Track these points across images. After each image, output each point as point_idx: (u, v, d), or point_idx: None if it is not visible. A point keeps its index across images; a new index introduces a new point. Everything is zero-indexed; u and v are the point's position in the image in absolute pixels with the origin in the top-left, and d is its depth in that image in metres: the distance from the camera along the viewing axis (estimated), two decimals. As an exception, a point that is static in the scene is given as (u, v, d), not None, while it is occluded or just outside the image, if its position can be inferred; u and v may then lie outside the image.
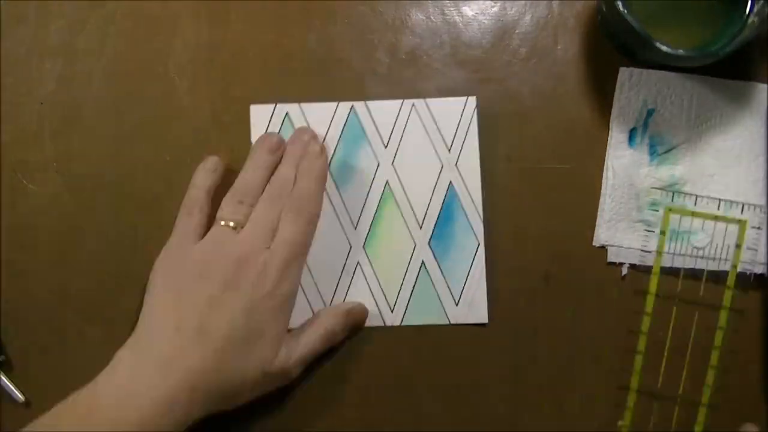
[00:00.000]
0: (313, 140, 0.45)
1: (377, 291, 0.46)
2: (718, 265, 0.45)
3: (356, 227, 0.46)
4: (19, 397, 0.45)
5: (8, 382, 0.46)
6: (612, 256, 0.46)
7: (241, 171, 0.45)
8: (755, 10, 0.42)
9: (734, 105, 0.46)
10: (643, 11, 0.43)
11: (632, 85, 0.46)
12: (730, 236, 0.45)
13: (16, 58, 0.48)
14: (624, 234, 0.46)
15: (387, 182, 0.47)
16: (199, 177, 0.45)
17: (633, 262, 0.46)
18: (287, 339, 0.42)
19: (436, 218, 0.46)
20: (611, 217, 0.46)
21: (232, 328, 0.40)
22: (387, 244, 0.46)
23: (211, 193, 0.44)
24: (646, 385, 0.45)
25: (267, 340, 0.41)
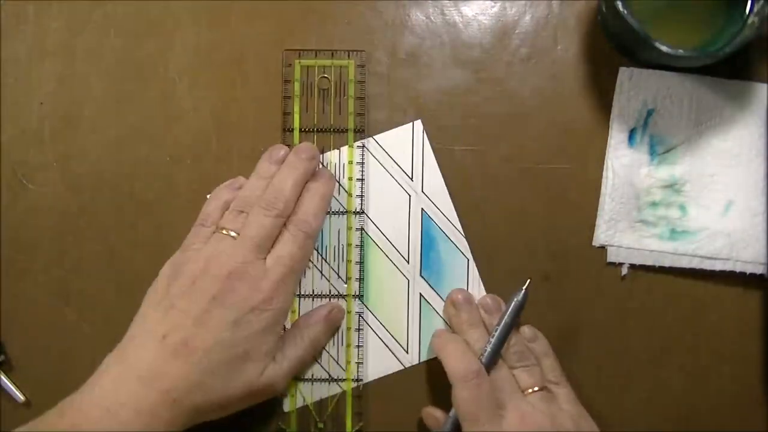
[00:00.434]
0: (316, 161, 0.45)
1: (388, 338, 0.46)
2: (717, 266, 0.45)
3: (346, 283, 0.46)
4: (19, 397, 0.45)
5: (8, 382, 0.46)
6: (612, 256, 0.46)
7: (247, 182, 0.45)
8: (755, 10, 0.42)
9: (734, 105, 0.46)
10: (643, 11, 0.43)
11: (632, 85, 0.46)
12: (730, 236, 0.45)
13: (16, 58, 0.48)
14: (624, 234, 0.46)
15: (362, 229, 0.46)
16: (222, 192, 0.44)
17: (633, 262, 0.46)
18: (275, 353, 0.42)
19: (420, 248, 0.46)
20: (611, 217, 0.46)
21: (217, 344, 0.39)
22: (382, 289, 0.46)
23: (227, 207, 0.44)
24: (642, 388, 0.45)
25: (253, 358, 0.40)
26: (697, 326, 0.46)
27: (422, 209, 0.46)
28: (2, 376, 0.46)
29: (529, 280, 0.43)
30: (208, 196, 0.45)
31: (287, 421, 0.45)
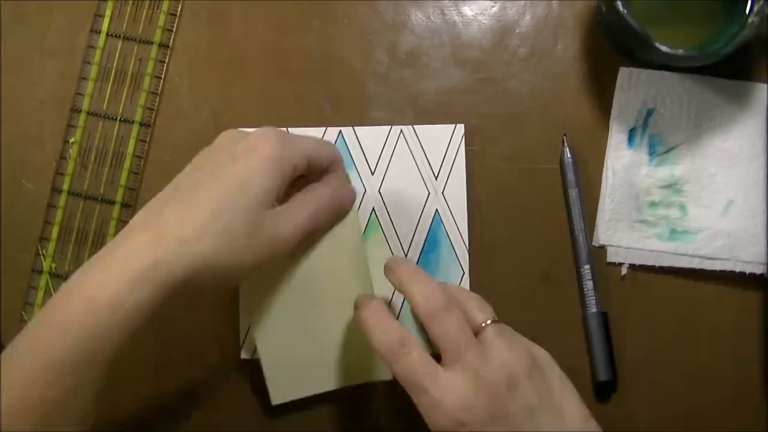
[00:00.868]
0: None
1: None
2: (717, 266, 0.45)
3: None
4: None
5: (8, 382, 0.46)
6: (612, 256, 0.46)
7: None
8: (755, 10, 0.42)
9: (734, 105, 0.46)
10: (643, 11, 0.43)
11: (632, 85, 0.46)
12: (730, 236, 0.45)
13: (16, 58, 0.48)
14: (624, 234, 0.46)
15: (373, 209, 0.46)
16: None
17: (633, 262, 0.46)
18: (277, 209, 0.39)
19: (421, 246, 0.46)
20: (611, 217, 0.46)
21: (216, 198, 0.37)
22: (372, 275, 0.43)
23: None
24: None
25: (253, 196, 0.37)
26: (697, 326, 0.46)
27: (436, 209, 0.46)
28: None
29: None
30: None
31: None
